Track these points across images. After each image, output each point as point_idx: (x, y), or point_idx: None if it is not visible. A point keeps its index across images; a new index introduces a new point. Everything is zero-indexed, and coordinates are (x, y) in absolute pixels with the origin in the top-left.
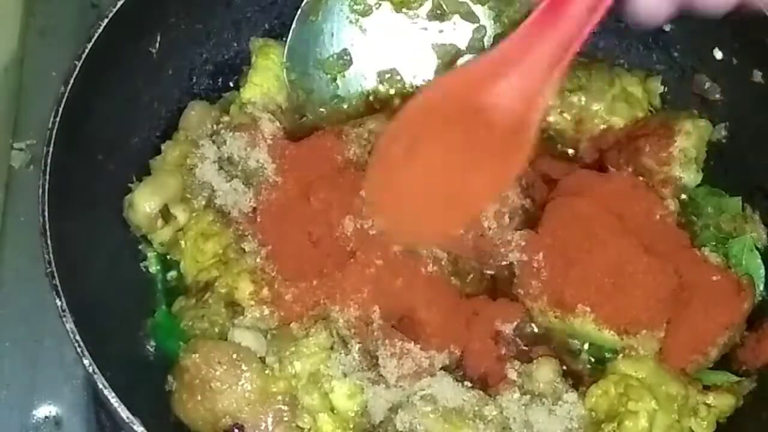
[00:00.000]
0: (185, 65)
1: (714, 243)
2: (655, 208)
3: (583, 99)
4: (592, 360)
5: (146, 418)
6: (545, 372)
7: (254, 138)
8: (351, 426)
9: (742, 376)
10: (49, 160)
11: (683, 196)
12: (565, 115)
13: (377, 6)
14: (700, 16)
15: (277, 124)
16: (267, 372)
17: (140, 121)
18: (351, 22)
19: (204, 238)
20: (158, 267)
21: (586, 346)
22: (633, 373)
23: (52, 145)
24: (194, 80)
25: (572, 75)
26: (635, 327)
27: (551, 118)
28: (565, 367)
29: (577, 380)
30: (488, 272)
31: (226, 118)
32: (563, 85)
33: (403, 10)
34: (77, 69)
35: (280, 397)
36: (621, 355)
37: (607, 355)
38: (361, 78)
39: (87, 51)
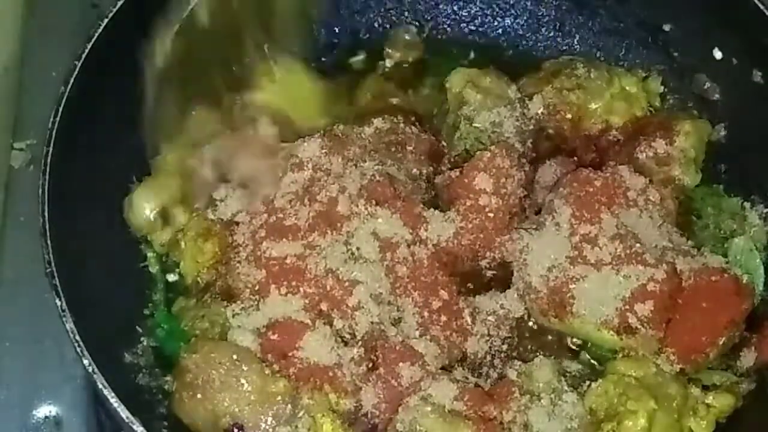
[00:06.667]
0: None
1: (714, 243)
2: (654, 206)
3: (582, 98)
4: (592, 360)
5: (146, 418)
6: (545, 372)
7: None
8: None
9: (742, 376)
10: (49, 160)
11: (683, 196)
12: (563, 113)
13: None
14: None
15: (276, 128)
16: (267, 372)
17: (140, 121)
18: None
19: (204, 239)
20: (158, 267)
21: (586, 346)
22: (632, 373)
23: (52, 145)
24: None
25: (571, 74)
26: (635, 327)
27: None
28: (565, 367)
29: (577, 380)
30: (488, 272)
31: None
32: (562, 83)
33: None
34: (77, 69)
35: (280, 397)
36: (621, 355)
37: (607, 355)
38: None
39: (87, 51)
